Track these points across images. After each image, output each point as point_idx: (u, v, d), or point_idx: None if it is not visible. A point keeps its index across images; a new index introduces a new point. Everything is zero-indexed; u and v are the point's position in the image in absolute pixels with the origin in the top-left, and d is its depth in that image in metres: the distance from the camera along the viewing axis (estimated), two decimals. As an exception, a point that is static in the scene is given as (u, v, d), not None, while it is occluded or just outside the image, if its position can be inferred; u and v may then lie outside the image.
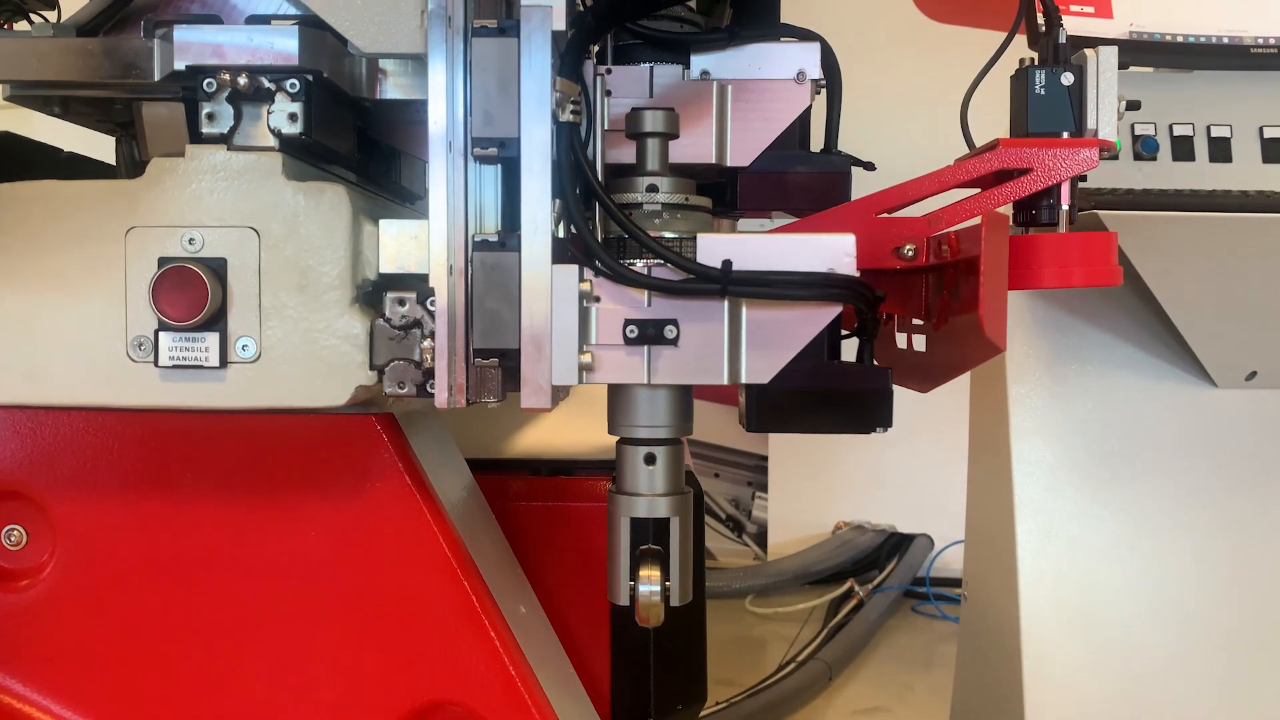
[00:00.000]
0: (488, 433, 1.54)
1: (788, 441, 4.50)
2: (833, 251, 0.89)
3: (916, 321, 1.11)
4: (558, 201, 0.87)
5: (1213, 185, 1.96)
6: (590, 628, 1.26)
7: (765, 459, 4.58)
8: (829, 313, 0.90)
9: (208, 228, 0.92)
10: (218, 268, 0.92)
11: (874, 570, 4.04)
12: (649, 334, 0.88)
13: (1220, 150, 2.07)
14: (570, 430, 1.63)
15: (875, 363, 0.96)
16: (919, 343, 1.13)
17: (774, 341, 0.89)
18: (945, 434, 4.08)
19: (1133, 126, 2.03)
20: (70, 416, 1.03)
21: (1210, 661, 1.98)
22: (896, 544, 4.21)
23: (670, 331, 0.88)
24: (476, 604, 1.01)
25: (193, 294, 0.90)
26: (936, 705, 2.93)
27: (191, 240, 0.92)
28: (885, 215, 1.02)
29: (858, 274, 0.90)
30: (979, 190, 1.04)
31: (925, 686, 3.20)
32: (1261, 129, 2.07)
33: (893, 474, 4.38)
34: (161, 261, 0.91)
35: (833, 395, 0.91)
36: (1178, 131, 2.06)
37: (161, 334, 0.92)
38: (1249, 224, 1.88)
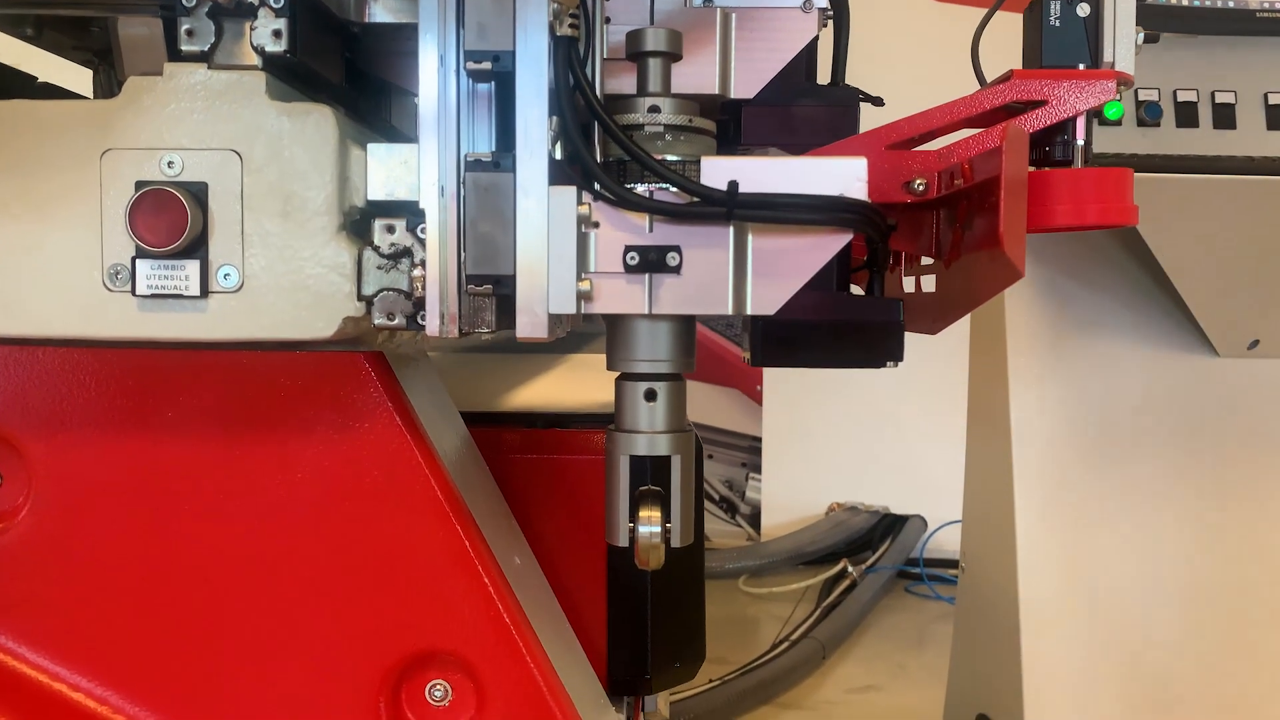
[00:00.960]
0: (483, 390, 1.50)
1: (782, 423, 4.49)
2: (844, 176, 0.85)
3: (926, 261, 1.07)
4: (554, 120, 0.83)
5: (1216, 152, 1.93)
6: (586, 584, 1.23)
7: (759, 440, 4.56)
8: (839, 240, 0.86)
9: (187, 150, 0.88)
10: (198, 192, 0.87)
11: (867, 551, 4.03)
12: (650, 261, 0.84)
13: (1224, 117, 2.04)
14: (568, 389, 1.60)
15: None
16: (927, 285, 1.10)
17: (781, 270, 0.86)
18: (940, 416, 4.07)
19: (1136, 92, 2.00)
20: (46, 353, 0.98)
21: (1210, 630, 1.96)
22: (890, 525, 4.21)
23: (673, 259, 0.84)
24: (469, 548, 0.97)
25: (171, 218, 0.86)
26: (930, 683, 2.91)
27: (170, 163, 0.88)
28: (895, 148, 0.99)
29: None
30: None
31: (918, 665, 3.19)
32: (1266, 95, 2.04)
33: (887, 456, 4.37)
34: (139, 185, 0.87)
35: (842, 328, 0.87)
36: (1181, 97, 2.03)
37: (139, 261, 0.87)
38: (1254, 187, 1.86)
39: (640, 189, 0.85)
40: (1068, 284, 2.12)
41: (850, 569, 3.78)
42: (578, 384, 1.63)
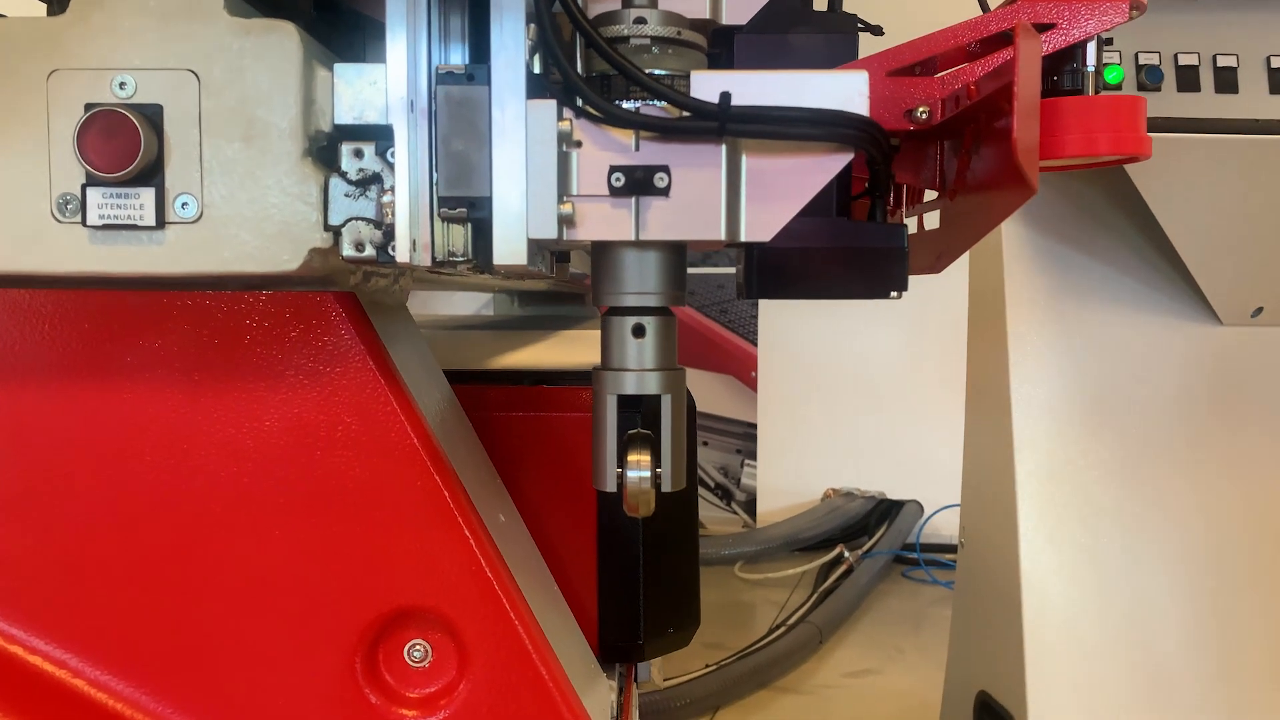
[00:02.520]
0: (467, 354, 1.44)
1: (777, 408, 4.44)
2: (844, 90, 0.79)
3: (929, 196, 1.02)
4: (533, 28, 0.77)
5: (1218, 115, 1.89)
6: (575, 549, 1.17)
7: (754, 426, 4.52)
8: (839, 160, 0.80)
9: (140, 70, 0.82)
10: (152, 115, 0.82)
11: (863, 536, 3.99)
12: (637, 181, 0.78)
13: (1226, 80, 2.00)
14: (556, 353, 1.54)
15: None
16: (929, 223, 1.05)
17: (777, 193, 0.80)
18: (935, 400, 4.02)
19: (1136, 56, 1.96)
20: (-7, 296, 0.92)
21: (1214, 603, 1.92)
22: (886, 510, 4.17)
23: (661, 180, 0.79)
24: (449, 498, 0.91)
25: (123, 142, 0.80)
26: (927, 667, 2.87)
27: (122, 84, 0.82)
28: (895, 75, 0.93)
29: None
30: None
31: (915, 649, 3.15)
32: (1269, 58, 1.99)
33: (882, 441, 4.33)
34: (88, 108, 0.81)
35: (842, 255, 0.82)
36: (1183, 61, 1.98)
37: (90, 190, 0.82)
38: (1259, 147, 1.81)
39: (626, 106, 0.80)
40: (1068, 252, 2.07)
41: (846, 554, 3.73)
42: (566, 351, 1.58)
